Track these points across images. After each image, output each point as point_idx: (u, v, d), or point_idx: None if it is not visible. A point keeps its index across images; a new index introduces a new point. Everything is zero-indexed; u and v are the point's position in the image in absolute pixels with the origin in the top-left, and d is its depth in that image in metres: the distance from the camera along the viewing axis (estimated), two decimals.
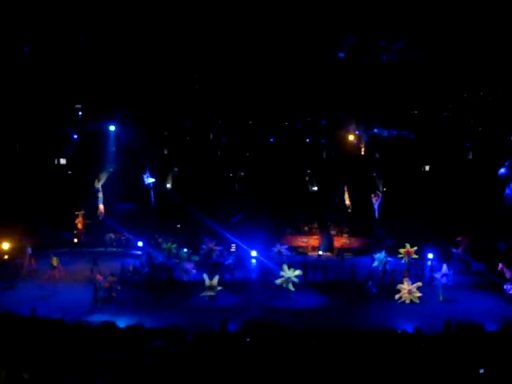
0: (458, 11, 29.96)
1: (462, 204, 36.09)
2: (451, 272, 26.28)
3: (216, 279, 25.92)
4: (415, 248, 29.37)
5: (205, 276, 26.16)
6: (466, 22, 30.46)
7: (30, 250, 31.49)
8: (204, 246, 31.39)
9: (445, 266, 26.51)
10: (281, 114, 41.20)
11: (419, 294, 25.46)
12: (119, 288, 25.59)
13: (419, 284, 25.84)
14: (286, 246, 33.01)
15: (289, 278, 26.20)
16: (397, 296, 25.64)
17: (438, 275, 26.09)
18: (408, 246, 29.42)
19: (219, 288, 25.79)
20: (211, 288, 25.60)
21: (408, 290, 25.43)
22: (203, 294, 25.64)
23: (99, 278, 25.42)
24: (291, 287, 26.17)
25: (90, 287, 25.15)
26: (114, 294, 25.23)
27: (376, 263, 30.27)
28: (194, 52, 35.23)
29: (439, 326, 19.63)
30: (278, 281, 26.35)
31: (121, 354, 14.74)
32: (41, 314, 20.26)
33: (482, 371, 13.61)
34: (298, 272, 26.63)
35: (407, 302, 25.41)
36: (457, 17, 30.30)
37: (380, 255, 30.19)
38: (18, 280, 28.00)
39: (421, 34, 32.43)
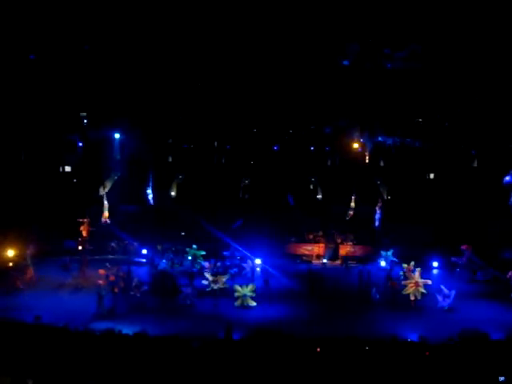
0: (463, 19, 30.04)
1: (467, 212, 35.96)
2: (451, 292, 25.73)
3: (225, 278, 26.49)
4: (412, 263, 28.16)
5: (206, 274, 26.86)
6: (471, 28, 30.51)
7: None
8: (206, 270, 31.07)
9: (444, 288, 25.99)
10: (285, 121, 41.21)
11: (424, 291, 25.50)
12: (123, 285, 25.78)
13: (428, 281, 25.81)
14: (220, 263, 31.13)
15: (244, 295, 25.78)
16: (403, 282, 25.93)
17: (439, 297, 25.70)
18: (405, 265, 28.38)
19: (225, 281, 26.04)
20: (216, 281, 25.78)
21: (416, 281, 25.39)
22: (207, 281, 26.05)
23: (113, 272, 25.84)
24: (251, 303, 25.77)
25: (94, 294, 25.08)
26: (116, 290, 25.35)
27: (382, 259, 30.70)
28: (199, 60, 35.39)
29: (444, 335, 19.51)
30: (237, 303, 25.80)
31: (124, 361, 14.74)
32: (45, 321, 20.28)
33: (502, 379, 13.57)
34: (251, 287, 26.18)
35: (411, 297, 25.35)
36: (462, 24, 30.36)
37: (387, 252, 30.78)
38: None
39: (426, 42, 32.50)
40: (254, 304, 25.72)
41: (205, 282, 26.39)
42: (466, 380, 14.27)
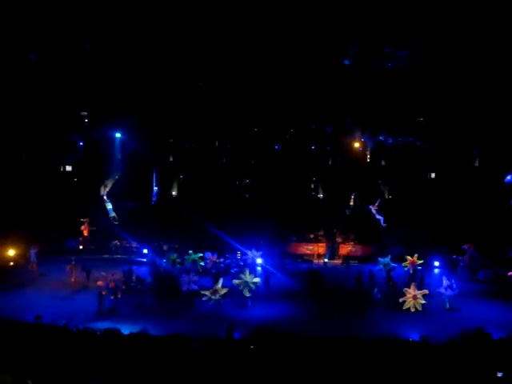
0: (465, 18, 30.01)
1: (468, 211, 35.91)
2: (453, 282, 25.78)
3: (220, 283, 26.03)
4: (416, 255, 29.28)
5: (203, 291, 26.31)
6: (472, 27, 30.47)
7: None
8: (207, 261, 31.22)
9: (445, 279, 26.05)
10: (286, 120, 41.20)
11: (423, 302, 25.19)
12: (124, 287, 25.81)
13: (425, 292, 25.64)
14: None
15: (246, 282, 25.95)
16: (401, 299, 25.39)
17: (442, 289, 25.68)
18: (409, 257, 29.34)
19: (224, 292, 25.85)
20: (215, 292, 25.68)
21: (413, 295, 25.22)
22: (207, 297, 25.72)
23: (109, 278, 25.65)
24: (247, 293, 25.90)
25: (94, 294, 25.06)
26: (118, 295, 25.30)
27: (380, 266, 30.67)
28: (201, 59, 35.37)
29: (446, 335, 19.45)
30: (236, 281, 26.15)
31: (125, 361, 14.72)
32: (46, 320, 20.26)
33: (500, 375, 13.54)
34: (256, 279, 26.47)
35: (411, 309, 25.17)
36: (463, 23, 30.32)
37: (385, 259, 30.79)
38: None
39: (427, 41, 32.45)
40: (248, 295, 25.94)
41: (205, 299, 26.01)
42: (468, 379, 14.23)
